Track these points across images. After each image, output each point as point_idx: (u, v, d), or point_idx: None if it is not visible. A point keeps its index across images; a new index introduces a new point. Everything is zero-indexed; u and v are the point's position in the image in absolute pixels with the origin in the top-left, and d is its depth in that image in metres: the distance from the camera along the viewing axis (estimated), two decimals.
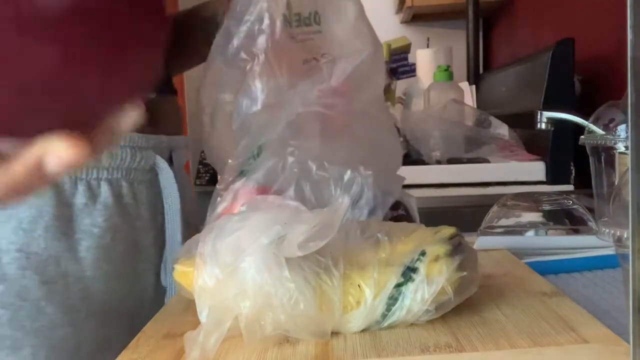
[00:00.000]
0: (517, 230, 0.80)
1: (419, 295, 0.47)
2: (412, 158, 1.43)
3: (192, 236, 0.54)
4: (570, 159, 1.29)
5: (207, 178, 2.50)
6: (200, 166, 2.54)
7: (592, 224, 0.78)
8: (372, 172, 0.63)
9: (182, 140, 0.78)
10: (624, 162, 0.69)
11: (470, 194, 1.30)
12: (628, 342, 0.35)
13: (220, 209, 0.66)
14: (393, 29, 2.62)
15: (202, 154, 2.23)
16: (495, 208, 0.84)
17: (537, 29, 1.98)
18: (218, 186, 0.69)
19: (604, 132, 0.73)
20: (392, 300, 0.47)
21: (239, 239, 0.46)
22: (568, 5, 1.65)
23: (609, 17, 1.35)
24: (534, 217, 0.82)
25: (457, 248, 0.49)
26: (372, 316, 0.47)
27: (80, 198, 0.64)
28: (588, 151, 0.80)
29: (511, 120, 1.49)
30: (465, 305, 0.50)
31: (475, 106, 1.85)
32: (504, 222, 0.82)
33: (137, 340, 0.51)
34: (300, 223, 0.46)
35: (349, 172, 0.63)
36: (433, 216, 0.70)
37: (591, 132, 0.75)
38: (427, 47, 2.45)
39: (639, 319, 0.34)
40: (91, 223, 0.65)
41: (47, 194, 0.62)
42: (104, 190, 0.66)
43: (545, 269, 0.64)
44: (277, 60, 0.65)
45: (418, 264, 0.47)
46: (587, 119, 0.77)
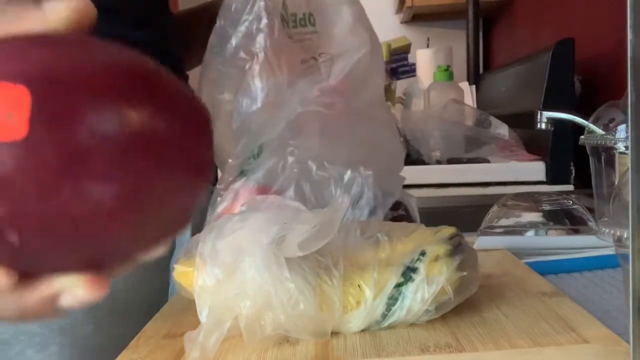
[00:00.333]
0: (517, 230, 0.80)
1: (419, 295, 0.47)
2: (412, 158, 1.43)
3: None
4: (570, 159, 1.29)
5: None
6: None
7: (592, 224, 0.78)
8: (372, 172, 0.63)
9: None
10: (624, 162, 0.69)
11: (470, 194, 1.30)
12: (628, 342, 0.35)
13: (220, 208, 0.66)
14: (393, 29, 2.62)
15: None
16: (495, 208, 0.84)
17: (537, 29, 1.97)
18: (218, 186, 0.69)
19: (604, 132, 0.73)
20: (392, 300, 0.47)
21: (239, 239, 0.46)
22: (568, 5, 1.65)
23: (609, 17, 1.35)
24: (534, 217, 0.82)
25: (457, 248, 0.49)
26: (372, 316, 0.47)
27: None
28: (588, 151, 0.80)
29: (511, 120, 1.49)
30: (465, 305, 0.50)
31: (475, 106, 1.85)
32: (504, 222, 0.82)
33: (137, 340, 0.51)
34: (300, 223, 0.46)
35: (349, 172, 0.63)
36: (433, 216, 0.70)
37: (591, 132, 0.75)
38: (427, 47, 2.45)
39: (639, 319, 0.34)
40: None
41: None
42: None
43: (545, 269, 0.64)
44: (276, 59, 0.65)
45: (418, 264, 0.47)
46: (587, 119, 0.77)
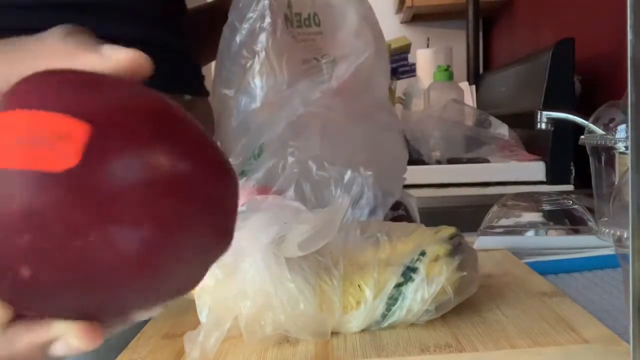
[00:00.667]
0: (517, 230, 0.80)
1: (419, 295, 0.47)
2: (412, 158, 1.43)
3: None
4: (570, 159, 1.29)
5: None
6: None
7: (592, 224, 0.78)
8: (372, 173, 0.63)
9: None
10: (624, 162, 0.69)
11: (470, 194, 1.30)
12: (628, 342, 0.35)
13: None
14: (393, 29, 2.61)
15: None
16: (495, 208, 0.84)
17: (537, 29, 1.97)
18: None
19: (604, 132, 0.73)
20: (392, 300, 0.47)
21: (239, 239, 0.46)
22: (568, 5, 1.65)
23: (609, 17, 1.35)
24: (534, 217, 0.82)
25: (457, 248, 0.49)
26: (372, 316, 0.47)
27: None
28: (588, 151, 0.80)
29: (511, 120, 1.49)
30: (465, 305, 0.50)
31: (475, 106, 1.85)
32: (504, 222, 0.82)
33: (137, 340, 0.51)
34: (300, 223, 0.46)
35: (349, 172, 0.63)
36: (433, 216, 0.70)
37: (591, 132, 0.75)
38: (427, 47, 2.45)
39: (639, 319, 0.34)
40: None
41: None
42: None
43: (545, 269, 0.64)
44: (277, 58, 0.65)
45: (418, 264, 0.47)
46: (587, 119, 0.77)
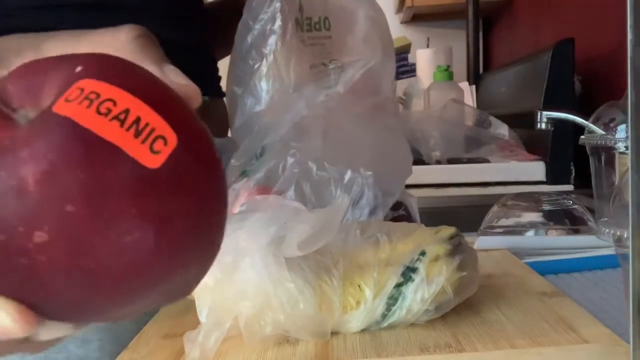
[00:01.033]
0: (517, 230, 0.80)
1: (419, 295, 0.47)
2: (412, 158, 1.43)
3: None
4: (570, 159, 1.28)
5: None
6: None
7: (592, 224, 0.78)
8: (372, 173, 0.63)
9: (229, 141, 0.78)
10: (624, 162, 0.69)
11: (470, 194, 1.30)
12: (628, 342, 0.35)
13: None
14: (393, 29, 2.59)
15: None
16: (495, 208, 0.84)
17: (537, 29, 1.97)
18: None
19: (603, 132, 0.73)
20: (392, 300, 0.47)
21: (239, 239, 0.46)
22: (568, 5, 1.65)
23: (609, 17, 1.35)
24: (534, 217, 0.82)
25: (457, 248, 0.49)
26: (371, 316, 0.47)
27: None
28: (588, 151, 0.80)
29: (511, 120, 1.49)
30: (465, 305, 0.50)
31: (475, 106, 1.85)
32: (504, 222, 0.82)
33: (137, 340, 0.51)
34: (300, 223, 0.46)
35: (349, 173, 0.63)
36: (433, 216, 0.70)
37: (591, 132, 0.75)
38: (427, 47, 2.45)
39: (639, 319, 0.34)
40: None
41: None
42: None
43: (545, 269, 0.63)
44: (285, 62, 0.65)
45: (418, 264, 0.47)
46: (587, 119, 0.77)
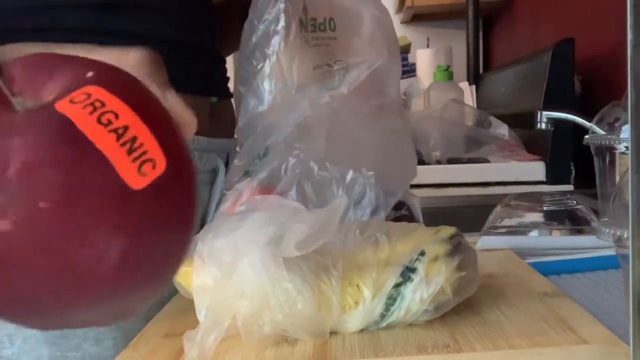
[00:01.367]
0: (520, 230, 0.80)
1: (418, 295, 0.47)
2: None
3: None
4: (570, 159, 1.29)
5: None
6: None
7: (595, 224, 0.78)
8: (374, 173, 0.63)
9: (236, 142, 0.79)
10: (625, 162, 0.69)
11: (470, 194, 1.30)
12: (629, 342, 0.35)
13: (223, 208, 0.66)
14: None
15: None
16: (498, 208, 0.83)
17: (537, 29, 1.97)
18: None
19: (604, 132, 0.73)
20: (391, 300, 0.47)
21: (237, 239, 0.46)
22: (568, 5, 1.65)
23: (609, 17, 1.35)
24: (537, 217, 0.81)
25: (457, 248, 0.49)
26: (370, 316, 0.47)
27: None
28: (592, 151, 0.79)
29: (511, 120, 1.49)
30: (465, 305, 0.50)
31: (475, 106, 1.85)
32: (507, 222, 0.81)
33: (137, 339, 0.51)
34: (298, 222, 0.46)
35: (350, 172, 0.63)
36: (433, 216, 0.70)
37: (594, 132, 0.75)
38: (427, 47, 2.45)
39: (639, 319, 0.34)
40: None
41: None
42: None
43: (547, 270, 0.63)
44: (288, 63, 0.65)
45: (417, 264, 0.47)
46: (587, 119, 0.77)
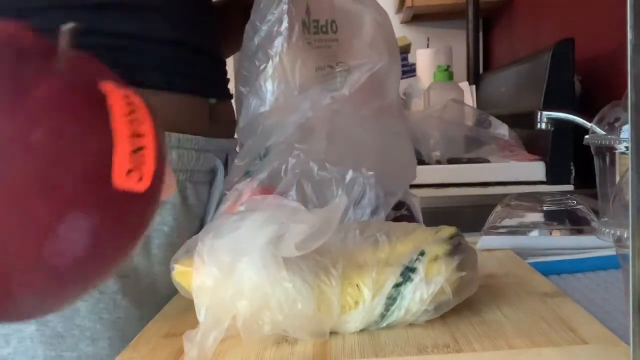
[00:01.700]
0: (521, 230, 0.80)
1: (418, 295, 0.46)
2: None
3: None
4: (570, 159, 1.29)
5: None
6: None
7: (595, 224, 0.78)
8: (374, 173, 0.63)
9: (235, 142, 0.79)
10: (625, 162, 0.69)
11: (470, 194, 1.30)
12: (629, 342, 0.35)
13: (223, 208, 0.66)
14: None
15: None
16: (498, 208, 0.83)
17: (537, 29, 1.97)
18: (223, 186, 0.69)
19: (604, 132, 0.73)
20: (391, 300, 0.47)
21: (237, 239, 0.46)
22: (568, 5, 1.65)
23: (609, 17, 1.35)
24: (538, 217, 0.81)
25: (457, 248, 0.49)
26: (370, 316, 0.47)
27: None
28: (592, 151, 0.79)
29: (511, 120, 1.49)
30: (465, 305, 0.50)
31: (475, 106, 1.85)
32: (507, 222, 0.81)
33: (137, 339, 0.51)
34: (298, 222, 0.46)
35: (350, 172, 0.63)
36: (433, 216, 0.70)
37: (595, 132, 0.75)
38: (427, 47, 2.45)
39: (639, 319, 0.34)
40: (162, 221, 0.66)
41: None
42: None
43: (548, 270, 0.63)
44: (290, 64, 0.66)
45: (417, 264, 0.47)
46: (587, 119, 0.77)
